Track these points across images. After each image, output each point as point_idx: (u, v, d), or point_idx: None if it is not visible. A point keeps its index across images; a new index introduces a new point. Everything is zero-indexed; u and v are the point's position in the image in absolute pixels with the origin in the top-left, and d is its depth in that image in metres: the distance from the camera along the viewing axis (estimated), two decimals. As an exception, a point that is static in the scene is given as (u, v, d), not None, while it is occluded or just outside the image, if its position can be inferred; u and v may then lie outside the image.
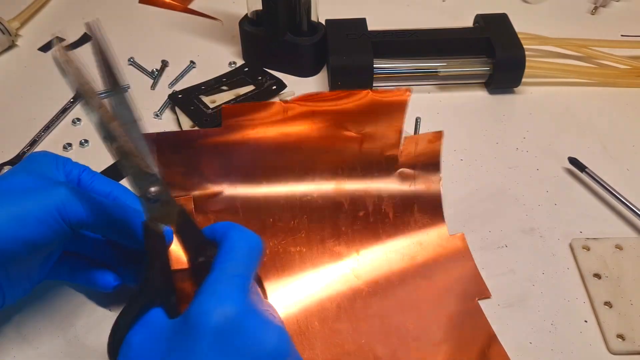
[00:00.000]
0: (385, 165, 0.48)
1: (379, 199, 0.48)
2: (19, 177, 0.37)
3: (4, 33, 0.67)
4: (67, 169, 0.40)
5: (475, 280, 0.45)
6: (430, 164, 0.48)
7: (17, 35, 0.69)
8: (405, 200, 0.48)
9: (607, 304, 0.43)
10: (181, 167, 0.45)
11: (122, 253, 0.41)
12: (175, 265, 0.36)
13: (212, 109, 0.58)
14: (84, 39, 0.70)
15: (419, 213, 0.48)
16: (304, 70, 0.64)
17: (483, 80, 0.62)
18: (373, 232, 0.47)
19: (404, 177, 0.48)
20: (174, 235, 0.36)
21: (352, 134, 0.47)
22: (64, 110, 0.60)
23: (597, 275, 0.45)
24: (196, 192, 0.46)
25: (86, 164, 0.42)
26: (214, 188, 0.47)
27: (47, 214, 0.35)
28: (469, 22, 0.66)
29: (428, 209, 0.48)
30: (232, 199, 0.47)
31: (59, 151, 0.56)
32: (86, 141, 0.56)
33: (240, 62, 0.66)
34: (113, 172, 0.53)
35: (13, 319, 0.43)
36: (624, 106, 0.61)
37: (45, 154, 0.40)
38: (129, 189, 0.40)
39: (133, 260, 0.41)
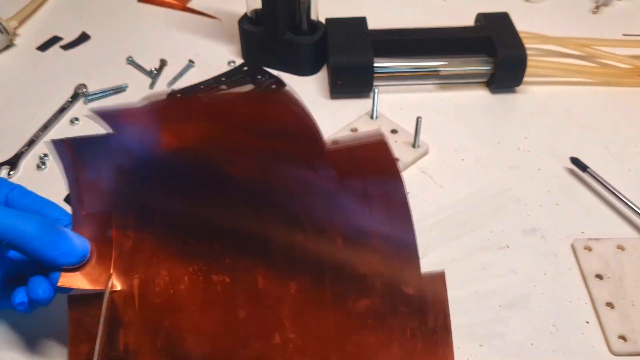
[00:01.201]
0: (321, 179, 0.36)
1: (321, 220, 0.37)
2: None
3: (2, 32, 0.67)
4: None
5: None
6: (383, 175, 0.36)
7: (15, 34, 0.69)
8: (357, 223, 0.36)
9: (609, 304, 0.43)
10: (98, 177, 0.39)
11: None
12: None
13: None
14: (82, 38, 0.69)
15: (378, 241, 0.36)
16: (304, 69, 0.64)
17: (484, 80, 0.62)
18: (313, 263, 0.37)
19: (352, 195, 0.36)
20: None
21: (271, 140, 0.36)
22: (62, 110, 0.60)
23: (599, 276, 0.45)
24: None
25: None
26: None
27: None
28: (470, 21, 0.66)
29: (391, 238, 0.36)
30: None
31: (57, 151, 0.56)
32: (84, 141, 0.56)
33: (239, 61, 0.66)
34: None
35: (13, 319, 0.43)
36: (626, 106, 0.60)
37: None
38: (58, 206, 0.40)
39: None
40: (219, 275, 0.37)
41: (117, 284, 0.37)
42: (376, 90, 0.56)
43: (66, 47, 0.68)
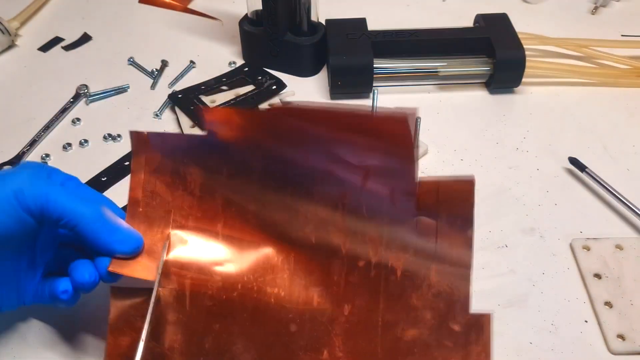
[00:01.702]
0: (397, 209, 0.37)
1: (386, 250, 0.37)
2: None
3: (3, 33, 0.67)
4: (51, 175, 0.38)
5: None
6: (458, 215, 0.36)
7: (17, 35, 0.69)
8: (420, 258, 0.37)
9: (608, 304, 0.43)
10: (167, 176, 0.39)
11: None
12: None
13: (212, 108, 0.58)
14: (83, 39, 0.70)
15: (436, 277, 0.37)
16: (304, 70, 0.64)
17: (483, 80, 0.62)
18: (371, 290, 0.37)
19: (422, 228, 0.37)
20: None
21: (353, 163, 0.37)
22: (64, 110, 0.60)
23: (598, 275, 0.45)
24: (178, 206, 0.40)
25: (86, 164, 0.41)
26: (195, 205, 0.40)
27: (3, 198, 0.33)
28: (469, 22, 0.66)
29: (448, 275, 0.37)
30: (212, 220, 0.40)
31: (58, 151, 0.56)
32: (86, 141, 0.56)
33: (240, 62, 0.66)
34: (114, 172, 0.53)
35: (13, 319, 0.43)
36: (624, 106, 0.61)
37: (35, 163, 0.40)
38: (112, 202, 0.39)
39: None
40: (273, 289, 0.38)
41: (167, 281, 0.37)
42: (376, 90, 0.56)
43: (68, 47, 0.69)
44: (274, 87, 0.61)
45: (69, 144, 0.56)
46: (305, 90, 0.62)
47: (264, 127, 0.37)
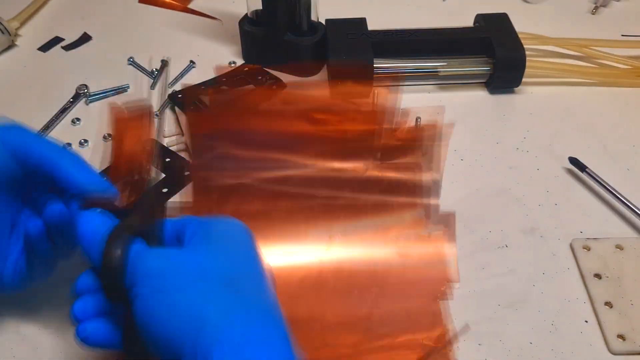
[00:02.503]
0: (370, 151, 0.48)
1: (364, 181, 0.48)
2: None
3: (3, 33, 0.67)
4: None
5: (442, 282, 0.44)
6: (414, 147, 0.48)
7: (16, 35, 0.69)
8: (392, 185, 0.48)
9: (608, 304, 0.43)
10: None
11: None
12: None
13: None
14: (83, 39, 0.70)
15: (405, 197, 0.47)
16: (304, 70, 0.64)
17: (483, 80, 0.62)
18: (354, 210, 0.47)
19: (390, 164, 0.49)
20: None
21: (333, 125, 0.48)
22: (64, 110, 0.60)
23: (598, 276, 0.45)
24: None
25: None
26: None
27: None
28: (469, 22, 0.66)
29: (415, 193, 0.48)
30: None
31: (58, 151, 0.56)
32: (85, 141, 0.56)
33: (240, 61, 0.66)
34: (114, 172, 0.53)
35: (13, 319, 0.43)
36: (624, 106, 0.61)
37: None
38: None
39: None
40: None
41: None
42: (376, 90, 0.56)
43: (67, 47, 0.69)
44: (274, 86, 0.61)
45: (69, 144, 0.56)
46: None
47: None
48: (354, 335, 0.40)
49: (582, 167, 0.52)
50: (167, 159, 0.55)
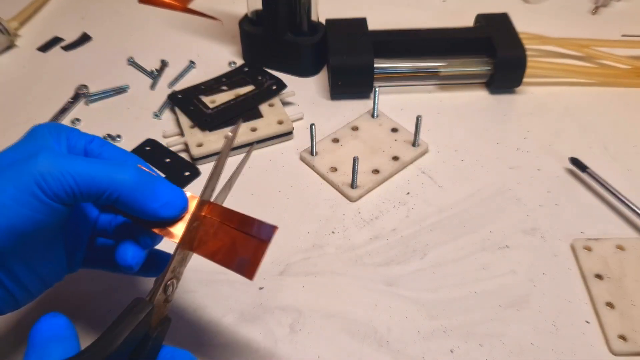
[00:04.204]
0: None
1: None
2: (9, 152, 0.32)
3: (3, 33, 0.67)
4: (71, 142, 0.34)
5: None
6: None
7: (16, 35, 0.69)
8: None
9: (609, 304, 0.43)
10: None
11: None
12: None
13: (212, 109, 0.58)
14: (83, 39, 0.70)
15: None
16: (304, 70, 0.64)
17: (484, 80, 0.62)
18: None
19: None
20: None
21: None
22: (64, 110, 0.60)
23: (599, 276, 0.45)
24: None
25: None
26: None
27: (23, 191, 0.29)
28: (469, 22, 0.66)
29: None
30: None
31: (58, 151, 0.56)
32: (86, 141, 0.56)
33: (240, 62, 0.66)
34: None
35: (13, 318, 0.43)
36: (625, 106, 0.61)
37: (49, 124, 0.34)
38: (139, 157, 0.36)
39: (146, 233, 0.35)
40: None
41: None
42: (377, 88, 0.56)
43: (67, 48, 0.69)
44: (274, 87, 0.61)
45: (69, 144, 0.56)
46: (306, 90, 0.62)
47: None
48: None
49: (583, 168, 0.52)
50: (167, 159, 0.54)
